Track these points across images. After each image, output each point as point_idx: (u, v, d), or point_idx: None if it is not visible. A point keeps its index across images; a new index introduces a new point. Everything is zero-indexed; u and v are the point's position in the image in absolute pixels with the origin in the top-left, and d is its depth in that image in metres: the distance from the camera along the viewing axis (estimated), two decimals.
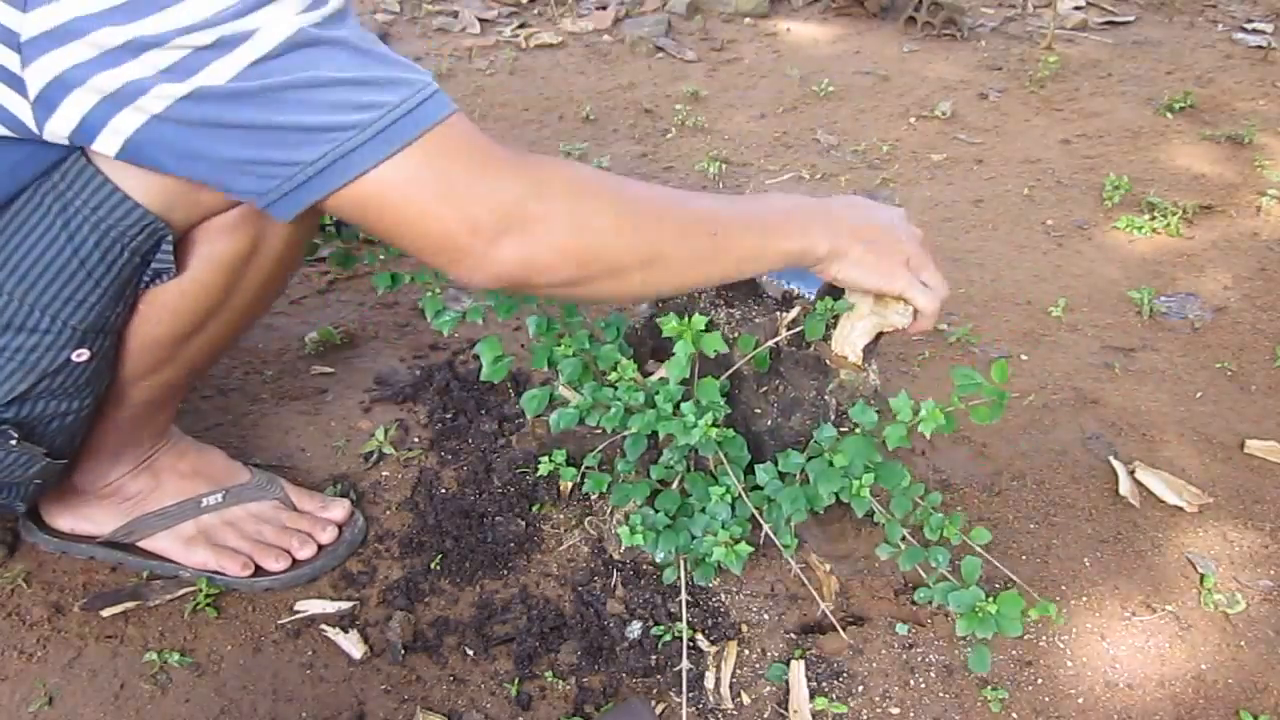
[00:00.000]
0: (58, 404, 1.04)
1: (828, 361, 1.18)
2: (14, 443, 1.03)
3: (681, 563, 1.21)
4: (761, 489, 1.19)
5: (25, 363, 0.99)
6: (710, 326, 1.13)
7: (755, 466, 1.20)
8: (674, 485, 1.22)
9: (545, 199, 0.92)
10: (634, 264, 0.99)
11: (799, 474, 1.17)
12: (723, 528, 1.17)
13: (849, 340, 1.16)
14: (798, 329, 1.20)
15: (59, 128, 0.86)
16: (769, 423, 1.23)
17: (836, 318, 1.17)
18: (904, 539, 1.14)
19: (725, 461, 1.18)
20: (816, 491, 1.14)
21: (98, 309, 0.99)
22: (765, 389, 1.23)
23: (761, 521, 1.17)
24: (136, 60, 0.81)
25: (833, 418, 1.20)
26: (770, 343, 1.19)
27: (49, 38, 0.80)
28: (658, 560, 1.20)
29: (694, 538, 1.19)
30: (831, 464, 1.13)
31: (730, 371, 1.20)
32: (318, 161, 0.85)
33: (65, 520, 1.26)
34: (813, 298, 1.20)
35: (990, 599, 1.08)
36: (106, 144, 0.86)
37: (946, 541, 1.14)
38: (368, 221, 0.92)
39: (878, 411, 1.15)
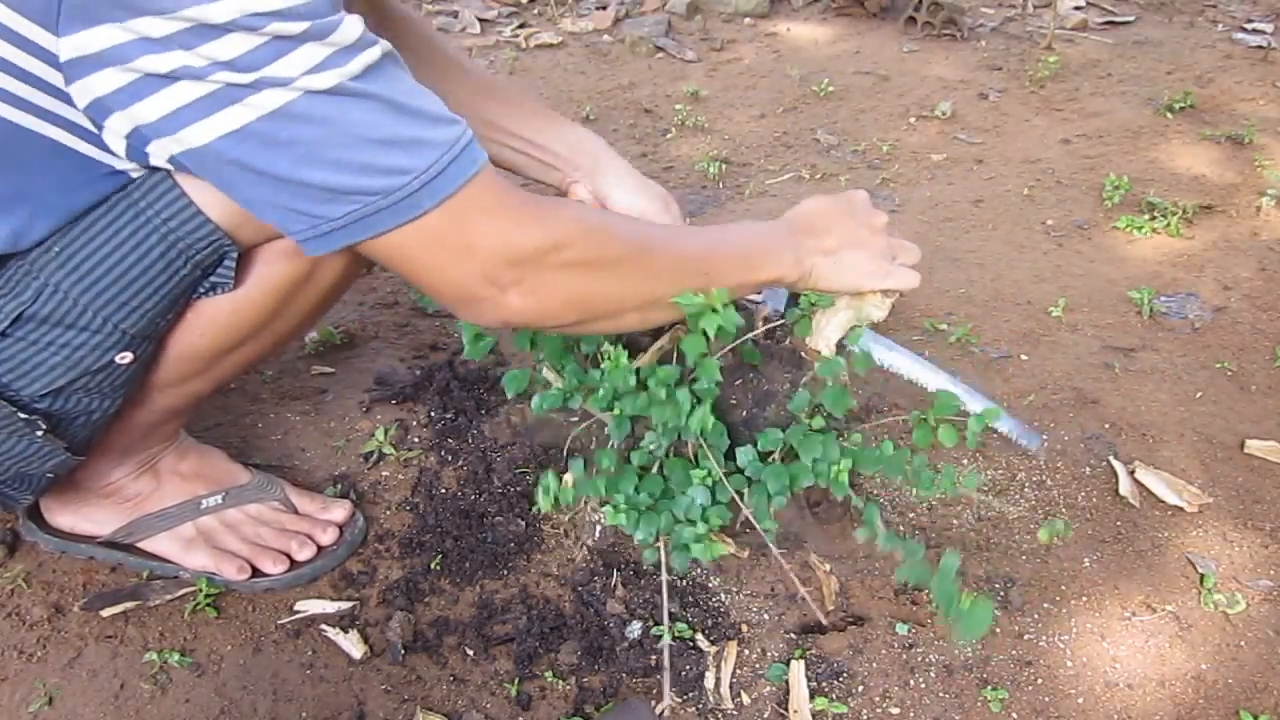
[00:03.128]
0: (89, 401, 1.05)
1: (803, 354, 1.19)
2: (40, 434, 1.04)
3: (663, 546, 1.21)
4: (742, 473, 1.19)
5: (70, 359, 1.00)
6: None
7: (735, 450, 1.20)
8: (654, 470, 1.22)
9: (558, 252, 0.95)
10: (633, 308, 1.05)
11: (779, 454, 1.17)
12: (703, 513, 1.17)
13: (823, 334, 1.18)
14: (774, 323, 1.21)
15: (111, 143, 0.88)
16: (744, 414, 1.24)
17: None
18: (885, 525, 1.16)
19: (705, 446, 1.18)
20: (800, 466, 1.14)
21: (150, 316, 1.01)
22: (740, 380, 1.24)
23: (742, 506, 1.17)
24: (174, 88, 0.82)
25: (806, 409, 1.21)
26: (751, 335, 1.20)
27: (84, 63, 0.81)
28: (637, 541, 1.20)
29: (676, 520, 1.18)
30: (811, 429, 1.14)
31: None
32: (342, 219, 0.88)
33: (65, 518, 1.26)
34: (782, 308, 1.24)
35: (968, 595, 1.08)
36: (155, 160, 0.89)
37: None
38: (389, 265, 0.95)
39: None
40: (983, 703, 1.16)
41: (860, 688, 1.16)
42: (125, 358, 1.03)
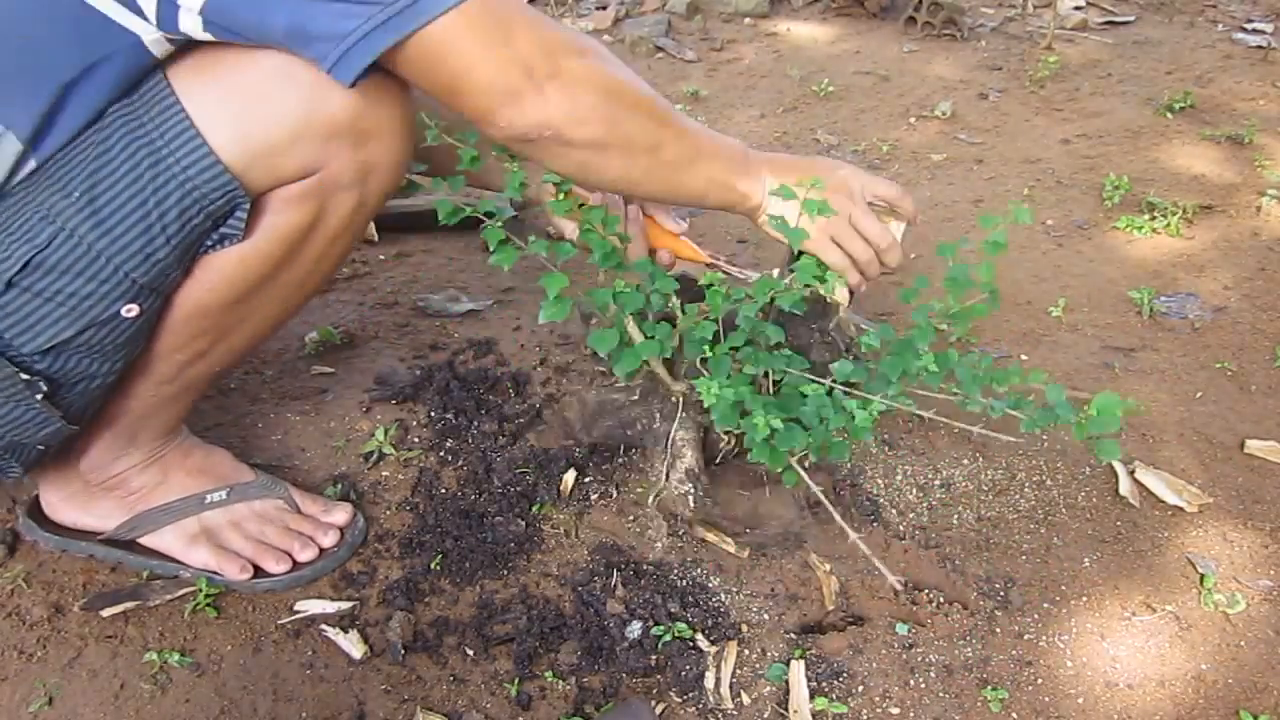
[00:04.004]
0: (89, 363, 1.06)
1: (829, 299, 1.29)
2: (39, 399, 1.04)
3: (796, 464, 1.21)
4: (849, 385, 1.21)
5: (76, 309, 1.00)
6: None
7: (830, 367, 1.22)
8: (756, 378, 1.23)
9: (587, 55, 1.03)
10: (643, 147, 1.11)
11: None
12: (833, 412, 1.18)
13: (835, 287, 1.29)
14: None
15: (143, 4, 0.90)
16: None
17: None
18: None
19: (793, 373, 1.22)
20: (902, 359, 1.19)
21: (161, 266, 1.02)
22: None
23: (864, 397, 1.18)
24: None
25: (844, 348, 1.29)
26: (785, 282, 1.25)
27: None
28: (778, 470, 1.19)
29: (807, 428, 1.18)
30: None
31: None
32: (362, 27, 0.92)
33: (68, 513, 1.26)
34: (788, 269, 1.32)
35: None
36: (185, 17, 0.91)
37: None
38: (426, 75, 1.00)
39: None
40: (983, 703, 1.16)
41: (860, 688, 1.16)
42: (131, 310, 1.03)
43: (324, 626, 1.21)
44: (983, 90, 2.82)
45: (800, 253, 1.27)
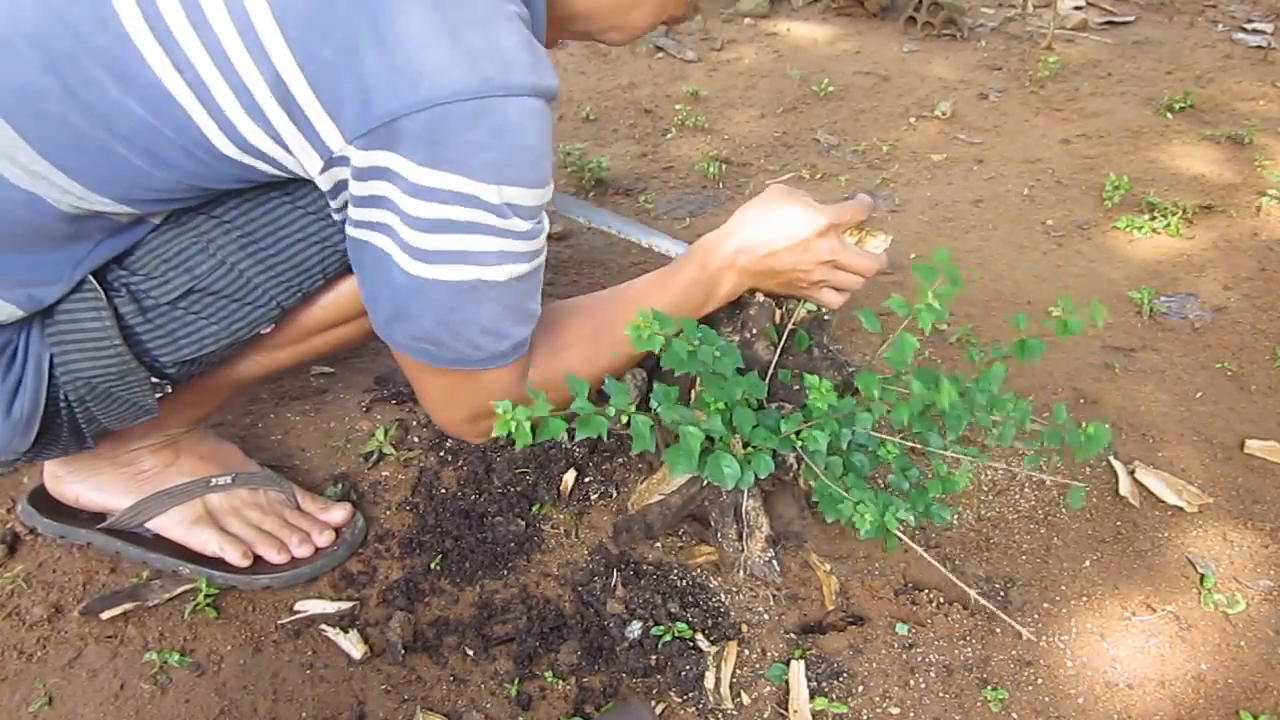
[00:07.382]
0: (207, 366, 1.10)
1: (824, 316, 1.29)
2: (158, 397, 1.08)
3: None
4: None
5: (227, 328, 1.05)
6: None
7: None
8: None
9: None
10: (605, 368, 1.18)
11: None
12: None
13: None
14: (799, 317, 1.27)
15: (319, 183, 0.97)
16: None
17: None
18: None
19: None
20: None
21: (308, 294, 1.09)
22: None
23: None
24: (402, 227, 0.92)
25: (844, 361, 1.30)
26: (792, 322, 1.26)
27: (355, 169, 0.90)
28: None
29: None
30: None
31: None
32: (402, 340, 1.02)
33: (72, 487, 1.27)
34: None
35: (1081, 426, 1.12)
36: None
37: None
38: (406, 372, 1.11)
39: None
40: (983, 703, 1.15)
41: (860, 688, 1.16)
42: (269, 329, 1.09)
43: (324, 626, 1.21)
44: (983, 90, 2.82)
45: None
